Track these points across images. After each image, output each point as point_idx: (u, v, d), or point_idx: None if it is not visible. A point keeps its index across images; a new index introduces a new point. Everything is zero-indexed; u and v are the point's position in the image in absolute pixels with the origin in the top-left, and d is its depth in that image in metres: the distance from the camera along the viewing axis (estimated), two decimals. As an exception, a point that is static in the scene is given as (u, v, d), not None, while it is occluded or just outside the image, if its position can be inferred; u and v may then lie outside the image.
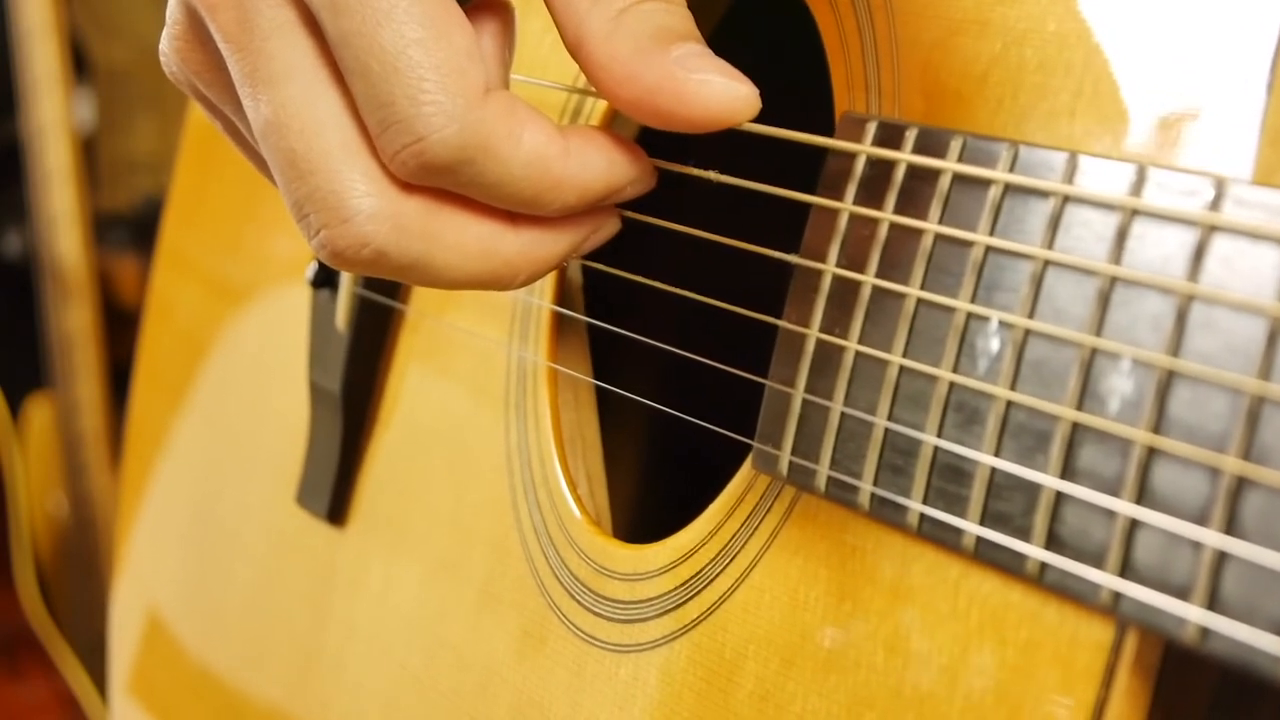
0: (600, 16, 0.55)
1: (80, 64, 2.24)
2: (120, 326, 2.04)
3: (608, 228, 0.60)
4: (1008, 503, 0.50)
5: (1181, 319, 0.46)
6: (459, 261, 0.56)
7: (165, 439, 1.10)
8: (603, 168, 0.57)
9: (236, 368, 1.04)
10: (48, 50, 2.01)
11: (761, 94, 0.56)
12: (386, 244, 0.54)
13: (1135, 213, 0.48)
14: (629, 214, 0.62)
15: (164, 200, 1.18)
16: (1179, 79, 0.50)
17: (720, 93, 0.54)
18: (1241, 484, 0.44)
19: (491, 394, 0.78)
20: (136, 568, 1.13)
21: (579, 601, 0.70)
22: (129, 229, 2.28)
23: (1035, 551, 0.49)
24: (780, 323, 0.59)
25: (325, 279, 0.88)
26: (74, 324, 2.03)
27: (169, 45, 0.58)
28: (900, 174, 0.55)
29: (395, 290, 0.86)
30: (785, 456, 0.58)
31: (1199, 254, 0.46)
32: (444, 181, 0.54)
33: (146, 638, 1.09)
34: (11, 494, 1.93)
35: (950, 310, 0.52)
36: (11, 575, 1.93)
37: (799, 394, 0.57)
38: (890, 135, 0.56)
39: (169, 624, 1.07)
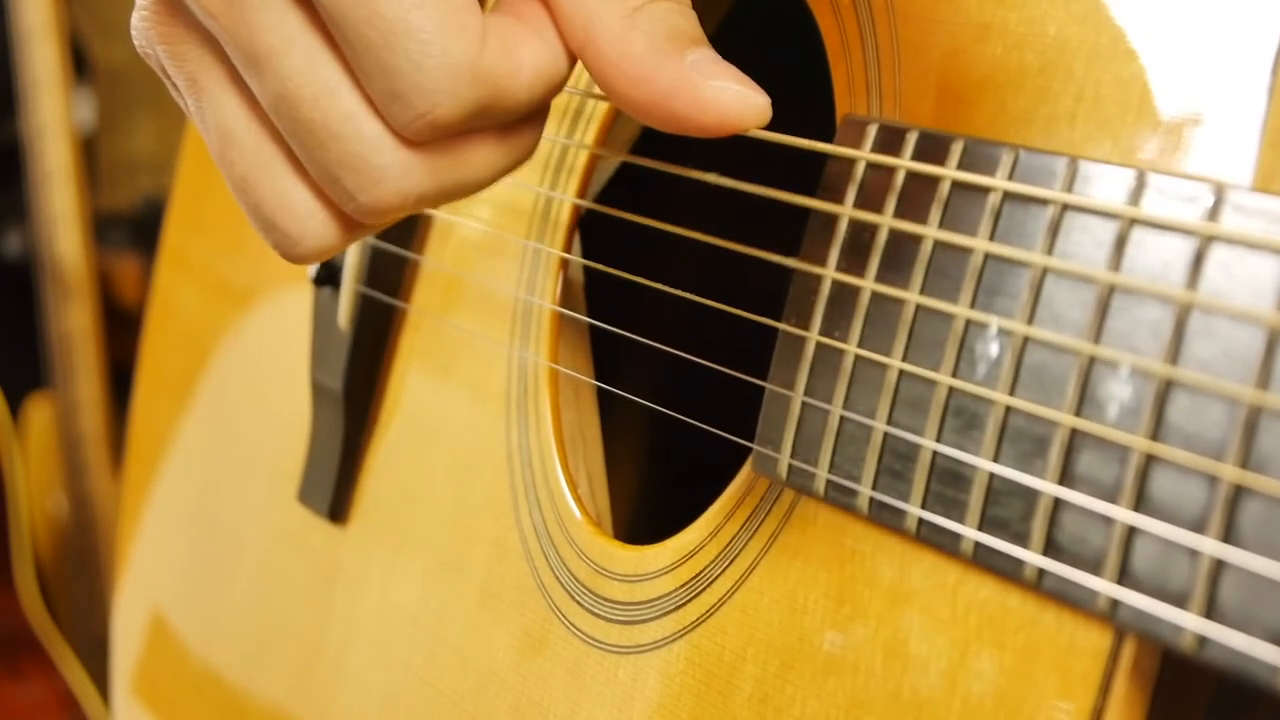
0: (613, 14, 0.54)
1: (80, 64, 2.24)
2: (120, 326, 2.04)
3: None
4: (1006, 508, 0.50)
5: (1180, 326, 0.46)
6: (488, 170, 0.56)
7: (167, 439, 1.10)
8: (551, 44, 0.55)
9: (238, 368, 1.04)
10: (48, 50, 2.01)
11: None
12: (425, 189, 0.54)
13: (1135, 219, 0.48)
14: (631, 216, 0.62)
15: (164, 200, 1.18)
16: (1179, 84, 0.50)
17: (736, 100, 0.54)
18: (1239, 492, 0.44)
19: (493, 393, 0.78)
20: (139, 567, 1.13)
21: (579, 602, 0.70)
22: (129, 229, 2.28)
23: (1033, 557, 0.49)
24: (780, 325, 0.59)
25: (327, 277, 0.88)
26: (74, 324, 2.03)
27: (140, 20, 0.57)
28: (900, 178, 0.55)
29: (397, 289, 0.86)
30: (784, 459, 0.58)
31: (1198, 261, 0.46)
32: (459, 130, 0.54)
33: (149, 637, 1.09)
34: (11, 494, 1.93)
35: (950, 315, 0.52)
36: (11, 575, 1.93)
37: (798, 397, 0.58)
38: (891, 138, 0.56)
39: (172, 623, 1.07)
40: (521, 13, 0.54)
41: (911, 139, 0.55)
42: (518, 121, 0.55)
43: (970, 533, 0.51)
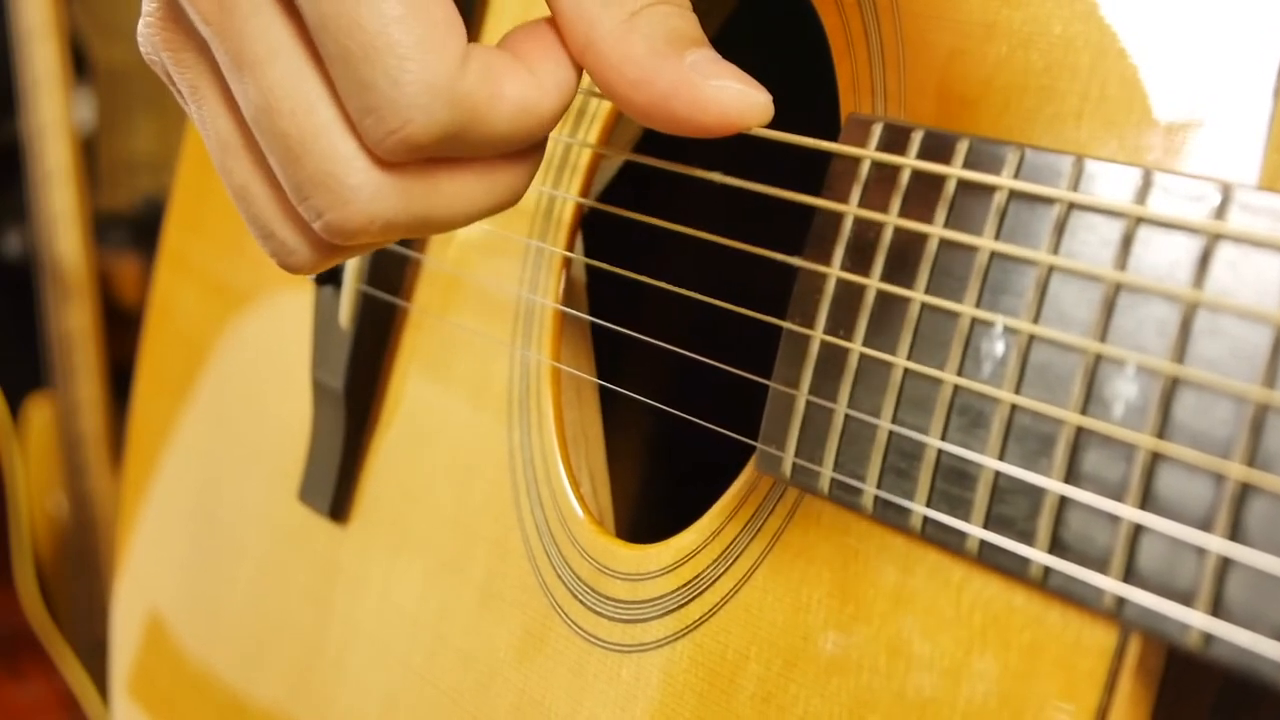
0: (613, 18, 0.54)
1: (80, 64, 2.24)
2: (120, 326, 2.04)
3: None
4: (1011, 506, 0.50)
5: (1186, 325, 0.46)
6: (464, 205, 0.55)
7: (167, 439, 1.10)
8: (570, 74, 0.55)
9: (238, 368, 1.04)
10: (48, 50, 2.01)
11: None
12: (394, 214, 0.54)
13: (1141, 218, 0.48)
14: (634, 215, 0.62)
15: (164, 200, 1.18)
16: (1185, 84, 0.50)
17: (736, 99, 0.54)
18: (1246, 490, 0.44)
19: (495, 392, 0.78)
20: (138, 567, 1.13)
21: (581, 601, 0.70)
22: (129, 229, 2.28)
23: (1039, 555, 0.49)
24: (784, 324, 0.59)
25: (329, 276, 0.89)
26: (74, 324, 2.03)
27: (145, 26, 0.58)
28: (905, 177, 0.55)
29: (399, 288, 0.86)
30: (789, 458, 0.58)
31: (1205, 259, 0.46)
32: (433, 154, 0.54)
33: (148, 637, 1.09)
34: (11, 494, 1.92)
35: (955, 314, 0.52)
36: (11, 575, 1.93)
37: (803, 395, 0.58)
38: (896, 137, 0.56)
39: (170, 624, 1.07)
40: (520, 50, 0.54)
41: (917, 138, 0.55)
42: (501, 160, 0.55)
43: (975, 531, 0.51)
